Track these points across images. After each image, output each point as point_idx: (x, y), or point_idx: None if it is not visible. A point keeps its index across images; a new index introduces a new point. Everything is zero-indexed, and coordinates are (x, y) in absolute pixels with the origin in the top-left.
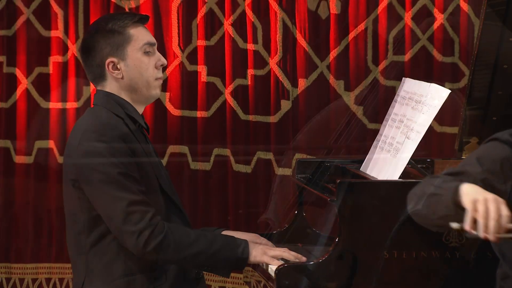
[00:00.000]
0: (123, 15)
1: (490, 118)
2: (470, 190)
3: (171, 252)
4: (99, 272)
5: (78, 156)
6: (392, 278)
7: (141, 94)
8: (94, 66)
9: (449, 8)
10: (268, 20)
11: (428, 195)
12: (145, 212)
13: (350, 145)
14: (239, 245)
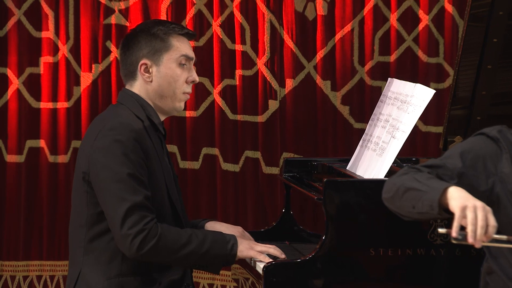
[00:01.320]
0: (171, 24)
1: (475, 118)
2: (458, 195)
3: (163, 255)
4: (95, 268)
5: (93, 150)
6: (378, 275)
7: (165, 103)
8: (128, 63)
9: (434, 10)
10: (256, 21)
11: (410, 188)
12: (144, 217)
13: (336, 144)
14: (228, 241)
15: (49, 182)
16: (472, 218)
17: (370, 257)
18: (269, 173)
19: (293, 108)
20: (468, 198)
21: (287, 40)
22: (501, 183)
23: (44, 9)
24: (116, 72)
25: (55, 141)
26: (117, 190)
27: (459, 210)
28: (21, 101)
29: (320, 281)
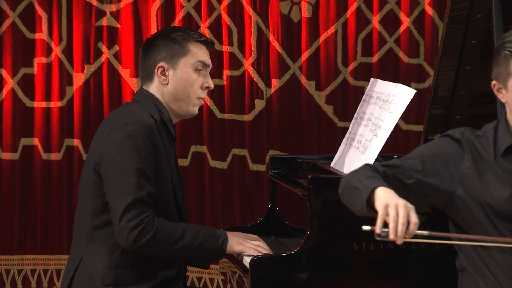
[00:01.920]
0: (190, 31)
1: (454, 117)
2: (383, 194)
3: (158, 248)
4: (95, 256)
5: (106, 142)
6: (360, 269)
7: (179, 106)
8: (146, 66)
9: (415, 12)
10: (242, 23)
11: (352, 185)
12: (143, 212)
13: (321, 142)
14: (219, 236)
15: (43, 179)
16: (394, 216)
17: (353, 251)
18: (256, 170)
19: (278, 107)
20: (391, 198)
21: (273, 41)
22: (462, 184)
23: (38, 11)
24: (107, 72)
25: (48, 139)
26: (123, 183)
27: (382, 208)
28: (15, 101)
29: (305, 274)
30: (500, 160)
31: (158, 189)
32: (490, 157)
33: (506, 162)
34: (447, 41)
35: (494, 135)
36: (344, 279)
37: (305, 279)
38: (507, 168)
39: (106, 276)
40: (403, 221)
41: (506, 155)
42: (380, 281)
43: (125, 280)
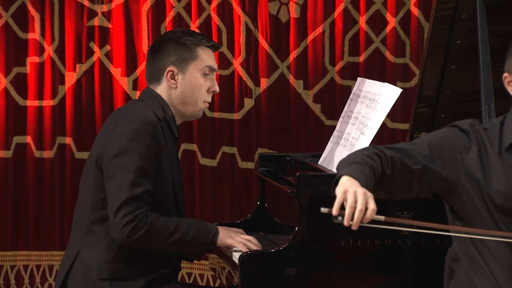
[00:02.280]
0: (199, 36)
1: (439, 115)
2: (345, 182)
3: (152, 242)
4: (93, 250)
5: (110, 138)
6: (348, 264)
7: (186, 109)
8: (154, 68)
9: (401, 13)
10: (232, 23)
11: (338, 166)
12: (137, 209)
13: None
14: (210, 230)
15: (35, 176)
16: (351, 201)
17: (340, 247)
18: (245, 167)
19: (267, 106)
20: (351, 185)
21: (261, 41)
22: (466, 173)
23: (31, 12)
24: (99, 71)
25: (41, 137)
26: (122, 179)
27: (341, 193)
28: (8, 99)
29: (293, 270)
30: (504, 154)
31: (158, 187)
32: (495, 151)
33: (510, 157)
34: (432, 41)
35: (500, 129)
36: (332, 274)
37: (294, 274)
38: (510, 162)
39: (102, 270)
40: (361, 207)
41: (510, 150)
42: (367, 276)
43: (120, 275)
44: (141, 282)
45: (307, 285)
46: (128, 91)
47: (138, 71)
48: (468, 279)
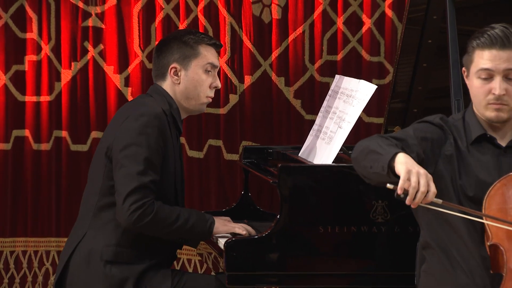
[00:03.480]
0: (201, 35)
1: (411, 110)
2: (405, 160)
3: (155, 229)
4: (98, 233)
5: (121, 129)
6: (326, 250)
7: (189, 103)
8: (159, 66)
9: (376, 14)
10: (217, 24)
11: (371, 150)
12: (145, 197)
13: (290, 133)
14: (207, 220)
15: (33, 167)
16: (415, 182)
17: (319, 233)
18: (230, 159)
19: (251, 102)
20: (413, 164)
21: (245, 41)
22: (444, 165)
23: (29, 13)
24: (92, 69)
25: (38, 130)
26: (131, 169)
27: (405, 172)
28: (8, 95)
29: (275, 255)
30: (470, 148)
31: (162, 177)
32: (463, 144)
33: (475, 151)
34: (405, 41)
35: (463, 124)
36: (311, 259)
37: (276, 259)
38: (476, 155)
39: (105, 252)
40: (424, 189)
41: (475, 143)
42: (344, 261)
43: (122, 258)
44: (140, 266)
45: (288, 269)
46: (120, 87)
47: (130, 69)
48: (441, 265)
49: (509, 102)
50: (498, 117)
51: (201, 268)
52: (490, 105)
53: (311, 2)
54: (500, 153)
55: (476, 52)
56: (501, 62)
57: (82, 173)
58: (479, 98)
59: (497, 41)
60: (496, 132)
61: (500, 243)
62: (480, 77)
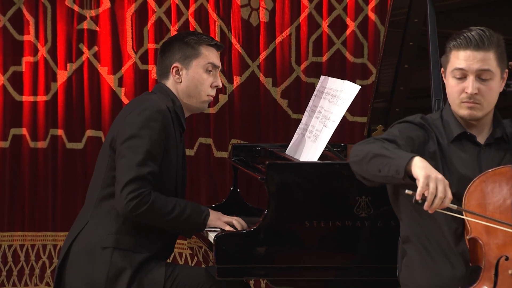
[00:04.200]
0: (202, 36)
1: (394, 110)
2: (422, 164)
3: (151, 218)
4: (100, 222)
5: (126, 122)
6: (312, 244)
7: (191, 102)
8: (162, 65)
9: (359, 18)
10: (208, 27)
11: (378, 154)
12: (142, 187)
13: (277, 132)
14: (203, 211)
15: (30, 164)
16: (433, 189)
17: (305, 228)
18: (220, 157)
19: (240, 101)
20: (431, 170)
21: (234, 43)
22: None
23: (26, 16)
24: (87, 70)
25: (35, 129)
26: (131, 159)
27: (423, 178)
28: (6, 95)
29: (263, 248)
30: (451, 145)
31: (163, 170)
32: (444, 142)
33: (456, 148)
34: (387, 43)
35: (442, 123)
36: (297, 252)
37: (263, 252)
38: (456, 153)
39: (106, 240)
40: (442, 195)
41: (455, 141)
42: (329, 254)
43: (123, 244)
44: (140, 256)
45: (275, 262)
46: (114, 87)
47: (123, 70)
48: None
49: (481, 101)
50: (471, 115)
51: (191, 261)
52: (464, 103)
53: (297, 6)
54: (479, 150)
55: (452, 53)
56: (474, 62)
57: (78, 170)
58: (453, 97)
59: (472, 42)
60: (474, 130)
61: (479, 236)
62: (455, 77)
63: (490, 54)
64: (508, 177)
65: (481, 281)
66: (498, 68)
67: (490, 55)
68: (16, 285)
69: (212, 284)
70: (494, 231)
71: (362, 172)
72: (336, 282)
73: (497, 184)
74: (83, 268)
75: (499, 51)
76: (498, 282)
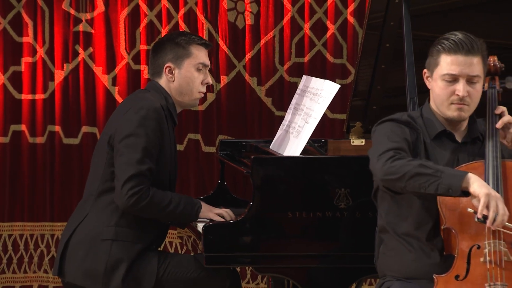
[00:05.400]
0: (192, 36)
1: (371, 107)
2: (479, 182)
3: (149, 212)
4: (99, 214)
5: (122, 121)
6: (295, 233)
7: (183, 99)
8: (155, 65)
9: (339, 21)
10: (196, 29)
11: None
12: (141, 183)
13: (261, 128)
14: (195, 204)
15: (29, 159)
16: (495, 207)
17: (288, 218)
18: (208, 151)
19: (226, 99)
20: (488, 187)
21: (221, 44)
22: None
23: (25, 19)
24: (83, 70)
25: (34, 125)
26: (130, 157)
27: (484, 196)
28: (6, 93)
29: (249, 238)
30: (432, 142)
31: (158, 166)
32: (426, 139)
33: (436, 145)
34: (365, 45)
35: (423, 121)
36: (281, 241)
37: (249, 241)
38: (437, 150)
39: (105, 232)
40: (503, 212)
41: (436, 139)
42: (311, 243)
43: (121, 236)
44: (137, 246)
45: (260, 250)
46: (108, 86)
47: (117, 70)
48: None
49: (470, 103)
50: (460, 116)
51: (181, 250)
52: (454, 105)
53: (280, 9)
54: (457, 148)
55: (442, 56)
56: (465, 67)
57: (74, 164)
58: (442, 98)
59: (463, 47)
60: (452, 129)
61: (452, 226)
62: (445, 80)
63: (479, 59)
64: (480, 172)
65: (454, 269)
66: (483, 71)
67: (479, 60)
68: (15, 272)
69: (201, 271)
70: (467, 222)
71: (397, 188)
72: (317, 269)
73: None
74: (82, 258)
75: (484, 55)
76: (470, 270)
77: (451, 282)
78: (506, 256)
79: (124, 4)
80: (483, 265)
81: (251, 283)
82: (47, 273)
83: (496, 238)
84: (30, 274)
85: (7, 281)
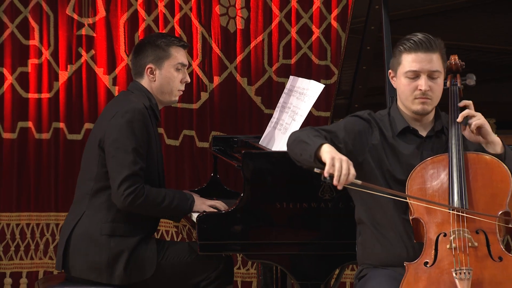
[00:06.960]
0: (171, 38)
1: (353, 106)
2: (329, 149)
3: (145, 210)
4: (95, 212)
5: (110, 125)
6: (282, 223)
7: (164, 97)
8: (137, 66)
9: (323, 25)
10: (191, 33)
11: (301, 140)
12: (136, 183)
13: (251, 125)
14: (188, 198)
15: (35, 153)
16: (339, 167)
17: (276, 209)
18: (202, 147)
19: (219, 98)
20: (336, 153)
21: (214, 47)
22: (370, 153)
23: (31, 23)
24: (85, 71)
25: (40, 122)
26: (122, 159)
27: (330, 159)
28: (14, 93)
29: (239, 227)
30: (396, 138)
31: (148, 162)
32: (389, 135)
33: (401, 141)
34: (348, 47)
35: (389, 118)
36: (269, 230)
37: (240, 230)
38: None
39: (104, 228)
40: (346, 172)
41: (400, 135)
42: (297, 232)
43: (118, 231)
44: (134, 239)
45: (250, 238)
46: (109, 86)
47: (117, 71)
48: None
49: (432, 97)
50: (424, 109)
51: (177, 238)
52: (417, 99)
53: (269, 15)
54: (421, 142)
55: (404, 56)
56: (425, 64)
57: (77, 159)
58: (406, 94)
59: (422, 46)
60: (417, 125)
61: (420, 217)
62: (408, 77)
63: (438, 55)
64: (444, 164)
65: (423, 256)
66: (443, 67)
67: (438, 56)
68: (23, 259)
69: (195, 257)
70: (434, 212)
71: (292, 154)
72: (304, 256)
73: (436, 170)
74: (85, 253)
75: (442, 52)
76: (438, 256)
77: (420, 269)
78: (470, 243)
79: (124, 9)
80: (449, 252)
81: (242, 269)
82: (52, 259)
83: (460, 226)
84: (36, 261)
85: (15, 267)
